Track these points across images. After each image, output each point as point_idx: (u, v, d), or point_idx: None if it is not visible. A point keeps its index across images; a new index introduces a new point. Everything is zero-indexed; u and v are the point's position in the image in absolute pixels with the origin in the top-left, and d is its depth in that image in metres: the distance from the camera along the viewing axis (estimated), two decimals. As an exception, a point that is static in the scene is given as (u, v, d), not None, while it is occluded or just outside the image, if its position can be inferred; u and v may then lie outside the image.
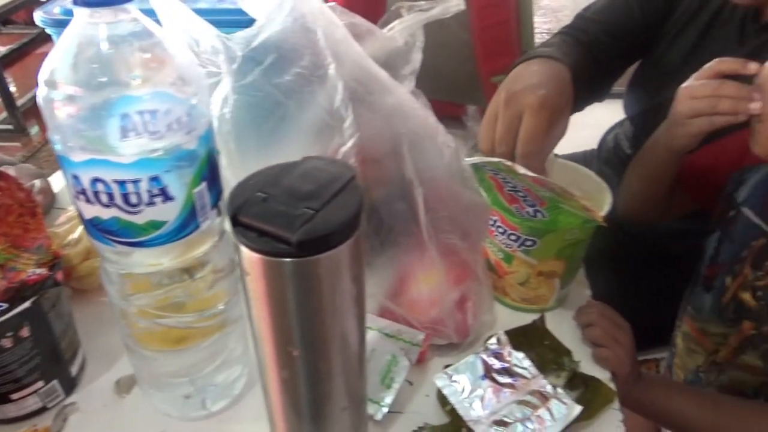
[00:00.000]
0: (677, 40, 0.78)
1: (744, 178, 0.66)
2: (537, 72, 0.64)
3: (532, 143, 0.60)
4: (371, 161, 0.54)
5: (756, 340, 0.62)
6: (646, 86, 0.84)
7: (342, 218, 0.37)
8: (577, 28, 0.82)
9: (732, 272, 0.64)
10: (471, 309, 0.61)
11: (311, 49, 0.51)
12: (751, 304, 0.62)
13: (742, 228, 0.64)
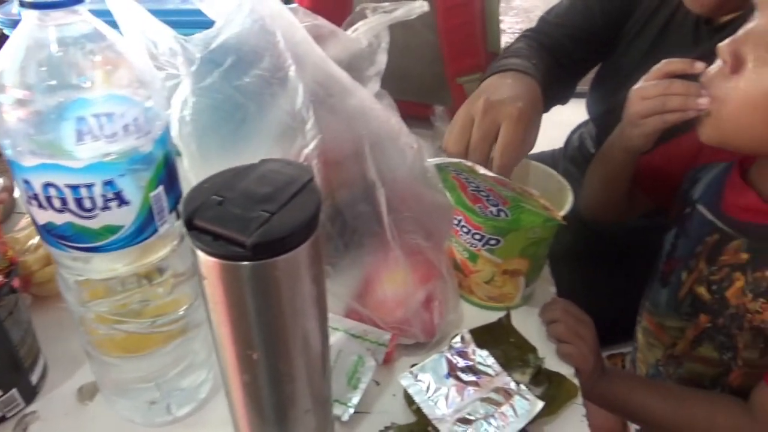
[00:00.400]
0: (634, 43, 0.80)
1: (698, 177, 0.68)
2: (512, 85, 0.65)
3: (510, 154, 0.61)
4: (333, 163, 0.54)
5: (711, 332, 0.64)
6: (606, 87, 0.86)
7: (299, 220, 0.37)
8: (540, 32, 0.83)
9: (688, 267, 0.66)
10: (437, 308, 0.62)
11: (271, 51, 0.51)
12: (706, 298, 0.63)
13: (697, 224, 0.66)
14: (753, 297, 0.59)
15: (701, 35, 0.72)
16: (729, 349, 0.63)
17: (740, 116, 0.52)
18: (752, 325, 0.59)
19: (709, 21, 0.72)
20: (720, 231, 0.63)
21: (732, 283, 0.61)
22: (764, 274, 0.58)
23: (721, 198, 0.64)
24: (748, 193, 0.60)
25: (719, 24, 0.70)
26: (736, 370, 0.64)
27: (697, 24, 0.72)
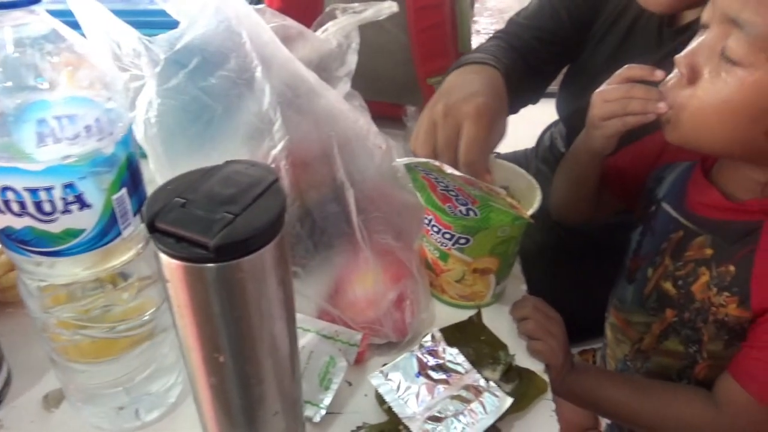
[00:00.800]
0: (601, 45, 0.81)
1: (662, 176, 0.70)
2: (472, 81, 0.66)
3: (473, 152, 0.61)
4: (302, 164, 0.54)
5: (677, 326, 0.65)
6: (574, 88, 0.88)
7: (263, 221, 0.37)
8: (509, 33, 0.84)
9: (653, 264, 0.68)
10: (408, 308, 0.62)
11: (237, 52, 0.50)
12: (672, 293, 0.65)
13: (662, 222, 0.67)
14: (717, 291, 0.60)
15: (664, 37, 0.74)
16: (694, 342, 0.64)
17: (698, 122, 0.54)
18: (716, 318, 0.61)
19: (671, 23, 0.73)
20: (684, 228, 0.64)
21: (697, 278, 0.62)
22: (728, 268, 0.59)
23: (685, 196, 0.65)
24: (711, 191, 0.62)
25: (681, 26, 0.72)
26: (701, 362, 0.65)
27: (660, 26, 0.74)
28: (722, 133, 0.54)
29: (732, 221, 0.60)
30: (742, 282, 0.58)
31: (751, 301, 0.57)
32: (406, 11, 0.88)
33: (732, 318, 0.59)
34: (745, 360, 0.59)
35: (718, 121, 0.53)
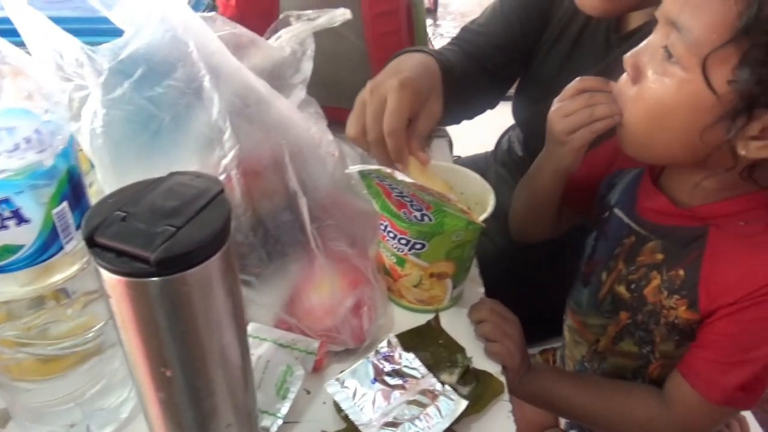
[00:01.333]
0: (552, 51, 0.83)
1: (614, 182, 0.71)
2: (399, 62, 0.68)
3: (394, 119, 0.62)
4: (253, 173, 0.53)
5: (631, 328, 0.67)
6: (529, 94, 0.89)
7: (206, 233, 0.37)
8: (463, 39, 0.85)
9: (607, 268, 0.69)
10: (366, 314, 0.62)
11: (184, 62, 0.50)
12: (625, 296, 0.66)
13: (615, 227, 0.69)
14: (668, 294, 0.62)
15: (611, 43, 0.76)
16: (647, 343, 0.66)
17: (640, 124, 0.55)
18: (667, 320, 0.62)
19: (617, 30, 0.76)
20: (636, 233, 0.66)
21: (649, 282, 0.64)
22: (677, 272, 0.61)
23: (636, 202, 0.67)
24: (660, 198, 0.63)
25: (627, 33, 0.74)
26: (654, 362, 0.67)
27: (608, 33, 0.76)
28: (660, 133, 0.54)
29: (680, 227, 0.61)
30: (691, 286, 0.60)
31: (699, 304, 0.59)
32: (362, 18, 0.89)
33: (682, 320, 0.61)
34: (694, 359, 0.61)
35: (657, 122, 0.54)
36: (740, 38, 0.46)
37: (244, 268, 0.55)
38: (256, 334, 0.59)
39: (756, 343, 0.57)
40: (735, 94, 0.48)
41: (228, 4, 0.88)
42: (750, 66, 0.46)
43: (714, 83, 0.48)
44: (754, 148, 0.50)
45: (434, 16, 3.34)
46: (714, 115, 0.50)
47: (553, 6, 0.82)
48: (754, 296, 0.55)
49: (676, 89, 0.51)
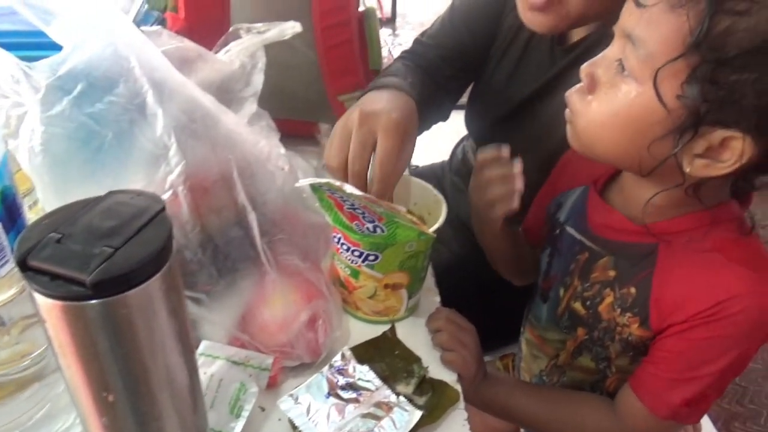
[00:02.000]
0: (501, 62, 0.84)
1: (561, 201, 0.72)
2: (388, 98, 0.67)
3: (388, 164, 0.62)
4: (201, 189, 0.53)
5: (588, 344, 0.67)
6: (479, 105, 0.91)
7: (146, 253, 0.36)
8: (415, 53, 0.86)
9: (564, 284, 0.69)
10: (321, 327, 0.62)
11: (126, 77, 0.49)
12: (582, 313, 0.67)
13: (567, 244, 0.69)
14: (621, 311, 0.62)
15: (556, 55, 0.78)
16: (604, 359, 0.67)
17: (592, 131, 0.56)
18: (622, 337, 0.63)
19: (561, 42, 0.78)
20: (589, 249, 0.66)
21: (603, 299, 0.64)
22: (629, 290, 0.61)
23: (587, 218, 0.67)
24: (612, 213, 0.63)
25: (570, 45, 0.76)
26: (611, 376, 0.67)
27: (552, 45, 0.78)
28: (611, 143, 0.55)
29: (632, 243, 0.61)
30: (642, 304, 0.60)
31: (650, 322, 0.60)
32: (313, 30, 0.89)
33: (635, 337, 0.62)
34: (643, 374, 0.62)
35: (608, 131, 0.54)
36: (690, 53, 0.46)
37: (193, 286, 0.54)
38: (208, 353, 0.58)
39: (703, 361, 0.57)
40: (684, 110, 0.48)
41: (177, 18, 0.87)
42: (698, 82, 0.47)
43: (664, 97, 0.48)
44: (698, 166, 0.51)
45: (393, 25, 3.37)
46: (663, 129, 0.50)
47: (502, 18, 0.84)
48: (702, 316, 0.55)
49: (629, 101, 0.51)
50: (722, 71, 0.46)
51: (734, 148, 0.48)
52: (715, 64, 0.46)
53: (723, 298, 0.54)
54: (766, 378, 1.57)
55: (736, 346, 0.56)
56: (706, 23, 0.45)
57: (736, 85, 0.46)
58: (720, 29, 0.45)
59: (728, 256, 0.56)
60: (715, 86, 0.46)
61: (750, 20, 0.44)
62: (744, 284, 0.54)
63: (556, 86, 0.77)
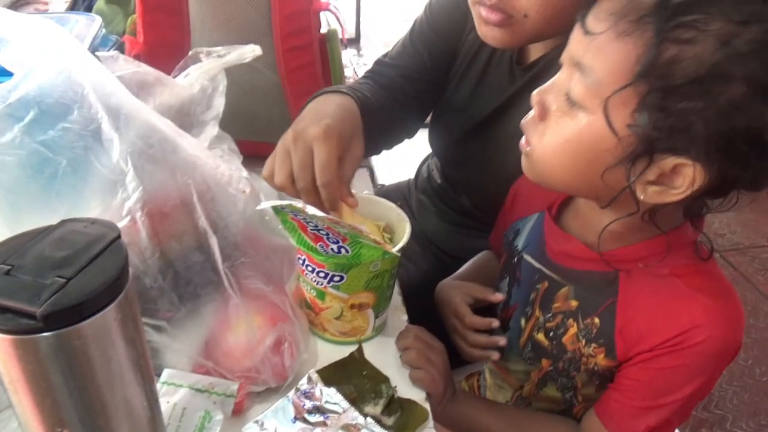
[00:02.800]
0: (462, 82, 0.86)
1: (518, 228, 0.72)
2: (319, 107, 0.68)
3: (327, 171, 0.62)
4: (160, 215, 0.52)
5: (553, 374, 0.67)
6: (442, 124, 0.92)
7: (100, 282, 0.35)
8: (376, 72, 0.87)
9: (525, 314, 0.69)
10: (287, 350, 0.61)
11: (80, 103, 0.49)
12: (545, 344, 0.66)
13: (527, 273, 0.69)
14: (586, 342, 0.61)
15: (515, 74, 0.79)
16: (570, 389, 0.66)
17: (545, 160, 0.55)
18: (587, 367, 0.62)
19: (520, 62, 0.79)
20: (548, 278, 0.65)
21: (566, 330, 0.63)
22: (593, 320, 0.61)
23: (545, 246, 0.66)
24: (570, 240, 0.62)
25: (528, 64, 0.78)
26: (577, 405, 0.67)
27: (511, 64, 0.80)
28: (564, 172, 0.54)
29: (592, 272, 0.61)
30: (607, 334, 0.60)
31: (616, 352, 0.59)
32: (275, 52, 0.89)
33: (601, 367, 0.61)
34: (608, 401, 0.62)
35: (560, 160, 0.54)
36: (638, 82, 0.46)
37: (154, 313, 0.53)
38: (170, 381, 0.57)
39: (668, 390, 0.58)
40: (634, 138, 0.48)
41: (136, 42, 0.87)
42: (647, 110, 0.46)
43: (615, 125, 0.48)
44: (651, 193, 0.50)
45: (357, 46, 3.40)
46: (615, 157, 0.49)
47: (461, 38, 0.86)
48: (667, 345, 0.55)
49: (580, 129, 0.51)
50: (670, 99, 0.46)
51: (686, 175, 0.48)
52: (663, 92, 0.46)
53: (686, 327, 0.54)
54: (730, 383, 1.61)
55: (700, 374, 0.56)
56: (654, 52, 0.45)
57: (685, 113, 0.46)
58: (667, 57, 0.45)
59: (688, 283, 0.56)
60: (664, 114, 0.46)
61: (696, 49, 0.44)
62: (706, 314, 0.54)
63: (514, 104, 0.78)
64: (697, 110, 0.45)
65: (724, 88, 0.45)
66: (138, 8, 0.87)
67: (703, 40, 0.44)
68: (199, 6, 0.88)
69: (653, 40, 0.45)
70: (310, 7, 0.88)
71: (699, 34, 0.44)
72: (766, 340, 1.74)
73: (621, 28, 0.47)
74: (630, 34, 0.46)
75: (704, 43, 0.44)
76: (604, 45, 0.48)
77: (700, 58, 0.44)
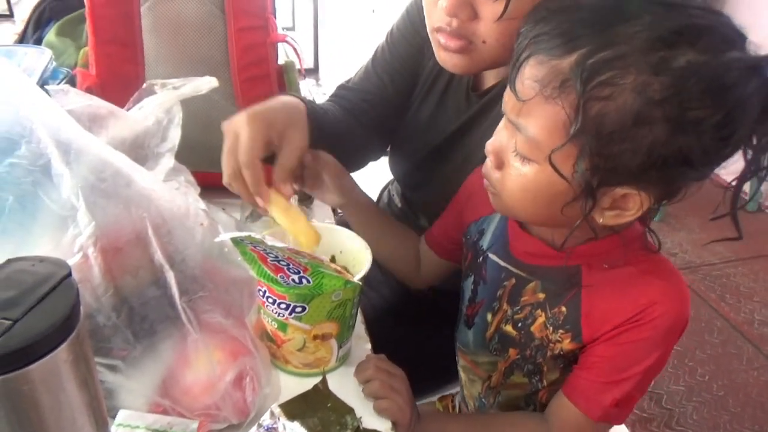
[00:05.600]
0: (422, 106, 0.88)
1: (483, 228, 0.75)
2: (252, 106, 0.69)
3: (246, 152, 0.64)
4: (113, 250, 0.51)
5: (520, 362, 0.70)
6: (401, 150, 0.94)
7: (49, 323, 0.34)
8: (339, 96, 0.89)
9: (492, 309, 0.72)
10: (249, 385, 0.60)
11: (28, 138, 0.47)
12: (513, 334, 0.69)
13: (492, 271, 0.72)
14: (553, 329, 0.66)
15: (471, 100, 0.82)
16: (536, 374, 0.70)
17: (511, 203, 0.61)
18: (554, 353, 0.66)
19: (475, 88, 0.82)
20: (515, 275, 0.69)
21: (535, 320, 0.67)
22: (560, 309, 0.65)
23: (509, 246, 0.71)
24: (533, 241, 0.67)
25: (483, 91, 0.81)
26: (542, 389, 0.70)
27: (467, 90, 0.82)
28: (528, 211, 0.61)
29: (555, 267, 0.65)
30: (574, 320, 0.64)
31: (582, 336, 0.64)
32: (231, 83, 0.89)
33: (567, 351, 0.65)
34: (576, 380, 0.65)
35: (521, 203, 0.60)
36: (574, 138, 0.51)
37: (107, 353, 0.51)
38: (126, 423, 0.54)
39: (630, 363, 0.62)
40: (582, 179, 0.53)
41: (88, 74, 0.85)
42: (587, 158, 0.52)
43: (563, 172, 0.53)
44: (608, 217, 0.57)
45: (316, 76, 3.43)
46: (570, 196, 0.55)
47: (421, 64, 0.88)
48: (628, 323, 0.61)
49: (534, 179, 0.56)
50: (604, 147, 0.51)
51: (635, 199, 0.55)
52: (596, 142, 0.51)
53: (645, 305, 0.60)
54: (689, 399, 1.65)
55: (657, 347, 0.62)
56: (581, 110, 0.50)
57: (620, 155, 0.51)
58: (593, 114, 0.50)
59: (641, 269, 0.62)
60: (602, 159, 0.52)
61: (617, 102, 0.49)
62: (659, 291, 0.61)
63: (470, 129, 0.81)
64: (630, 151, 0.51)
65: (648, 131, 0.50)
66: (90, 40, 0.86)
67: (622, 93, 0.49)
68: (154, 38, 0.87)
69: (577, 101, 0.50)
70: (266, 39, 0.89)
71: (616, 89, 0.49)
72: (720, 355, 1.79)
73: (547, 92, 0.51)
74: (556, 98, 0.51)
75: (623, 96, 0.49)
76: (535, 108, 0.53)
77: (622, 110, 0.49)
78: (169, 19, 0.87)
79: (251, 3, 0.87)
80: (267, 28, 0.89)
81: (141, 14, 0.86)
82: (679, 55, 0.49)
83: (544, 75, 0.52)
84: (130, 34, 0.86)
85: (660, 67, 0.49)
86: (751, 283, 2.08)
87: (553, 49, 0.51)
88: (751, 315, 1.94)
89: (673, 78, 0.49)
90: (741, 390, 1.68)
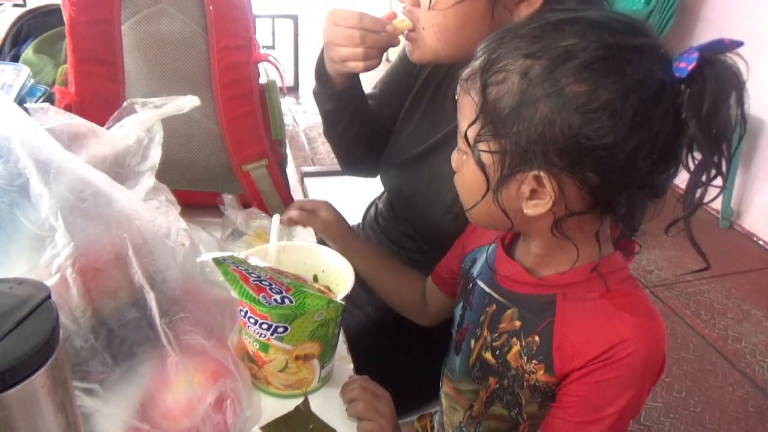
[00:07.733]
0: (410, 115, 0.94)
1: (475, 257, 0.77)
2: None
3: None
4: (92, 271, 0.50)
5: (499, 392, 0.69)
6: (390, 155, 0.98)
7: (27, 348, 0.33)
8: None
9: (475, 335, 0.72)
10: (230, 407, 0.59)
11: (6, 157, 0.47)
12: (492, 362, 0.69)
13: (478, 297, 0.73)
14: (527, 359, 0.65)
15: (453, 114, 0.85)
16: (515, 406, 0.69)
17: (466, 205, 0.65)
18: (529, 384, 0.65)
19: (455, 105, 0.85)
20: (496, 302, 0.70)
21: (511, 348, 0.67)
22: (534, 338, 0.65)
23: (495, 273, 0.71)
24: (514, 266, 0.68)
25: None
26: (523, 423, 0.69)
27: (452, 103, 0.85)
28: (477, 209, 0.63)
29: (532, 295, 0.66)
30: (546, 351, 0.64)
31: (554, 368, 0.63)
32: (213, 101, 0.89)
33: (542, 383, 0.65)
34: (552, 420, 0.64)
35: (468, 199, 0.63)
36: (480, 119, 0.58)
37: (85, 376, 0.50)
38: (103, 448, 0.53)
39: (603, 403, 0.61)
40: (495, 164, 0.58)
41: (67, 92, 0.84)
42: (492, 139, 0.58)
43: (484, 160, 0.59)
44: (531, 206, 0.59)
45: (296, 94, 3.44)
46: (495, 183, 0.59)
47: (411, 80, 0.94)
48: (599, 360, 0.60)
49: (469, 170, 0.62)
50: (504, 127, 0.57)
51: (546, 184, 0.57)
52: (499, 124, 0.57)
53: (614, 342, 0.59)
54: (666, 415, 1.67)
55: (630, 386, 0.61)
56: (482, 96, 0.57)
57: (516, 136, 0.56)
58: (492, 97, 0.57)
59: (614, 303, 0.61)
60: (504, 140, 0.57)
61: (508, 85, 0.56)
62: (631, 329, 0.59)
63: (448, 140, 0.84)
64: (522, 131, 0.56)
65: (534, 110, 0.55)
66: (69, 58, 0.85)
67: (511, 77, 0.56)
68: (135, 57, 0.87)
69: (480, 87, 0.58)
70: (249, 58, 0.89)
71: (507, 74, 0.56)
72: (696, 371, 1.82)
73: (465, 86, 0.60)
74: (470, 89, 0.59)
75: (512, 79, 0.56)
76: (460, 102, 0.62)
77: (511, 92, 0.56)
78: (150, 38, 0.86)
79: (234, 22, 0.88)
80: (250, 48, 0.89)
81: (122, 32, 0.86)
82: (560, 39, 0.55)
83: (466, 73, 0.60)
84: (110, 53, 0.86)
85: (538, 50, 0.55)
86: (724, 299, 2.12)
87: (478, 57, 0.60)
88: (725, 331, 1.98)
89: (550, 61, 0.55)
90: (717, 406, 1.70)
